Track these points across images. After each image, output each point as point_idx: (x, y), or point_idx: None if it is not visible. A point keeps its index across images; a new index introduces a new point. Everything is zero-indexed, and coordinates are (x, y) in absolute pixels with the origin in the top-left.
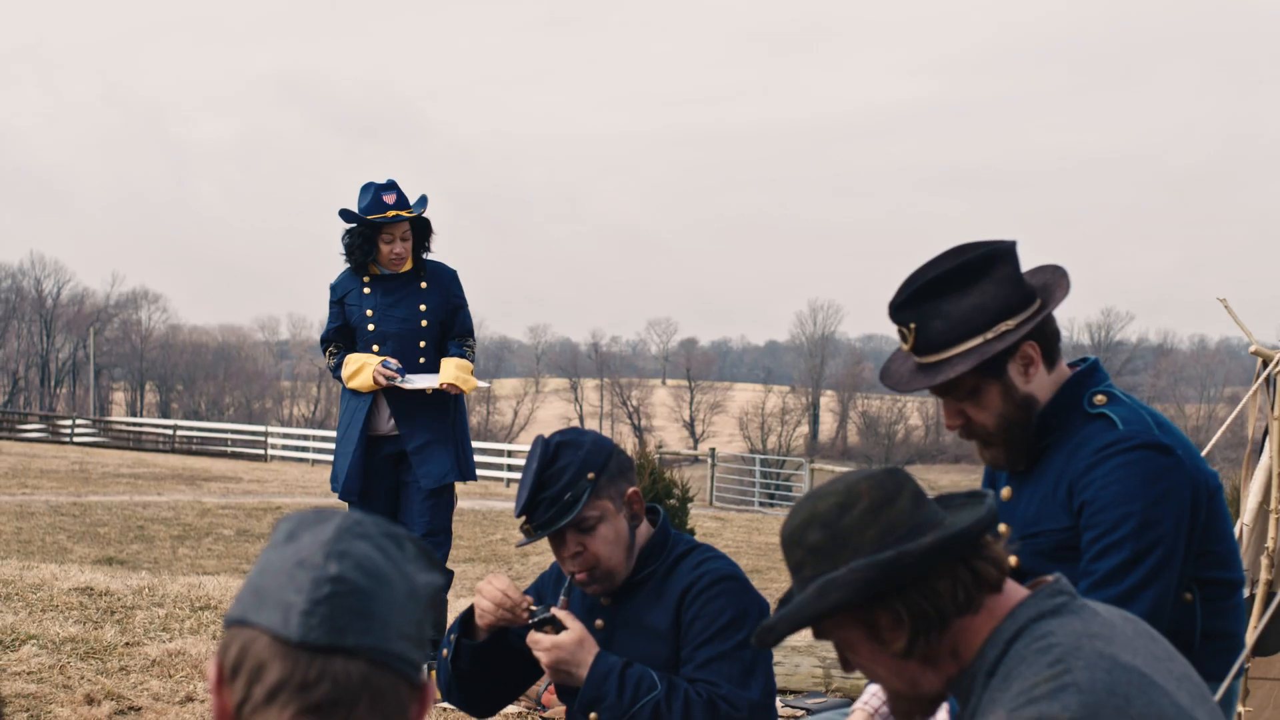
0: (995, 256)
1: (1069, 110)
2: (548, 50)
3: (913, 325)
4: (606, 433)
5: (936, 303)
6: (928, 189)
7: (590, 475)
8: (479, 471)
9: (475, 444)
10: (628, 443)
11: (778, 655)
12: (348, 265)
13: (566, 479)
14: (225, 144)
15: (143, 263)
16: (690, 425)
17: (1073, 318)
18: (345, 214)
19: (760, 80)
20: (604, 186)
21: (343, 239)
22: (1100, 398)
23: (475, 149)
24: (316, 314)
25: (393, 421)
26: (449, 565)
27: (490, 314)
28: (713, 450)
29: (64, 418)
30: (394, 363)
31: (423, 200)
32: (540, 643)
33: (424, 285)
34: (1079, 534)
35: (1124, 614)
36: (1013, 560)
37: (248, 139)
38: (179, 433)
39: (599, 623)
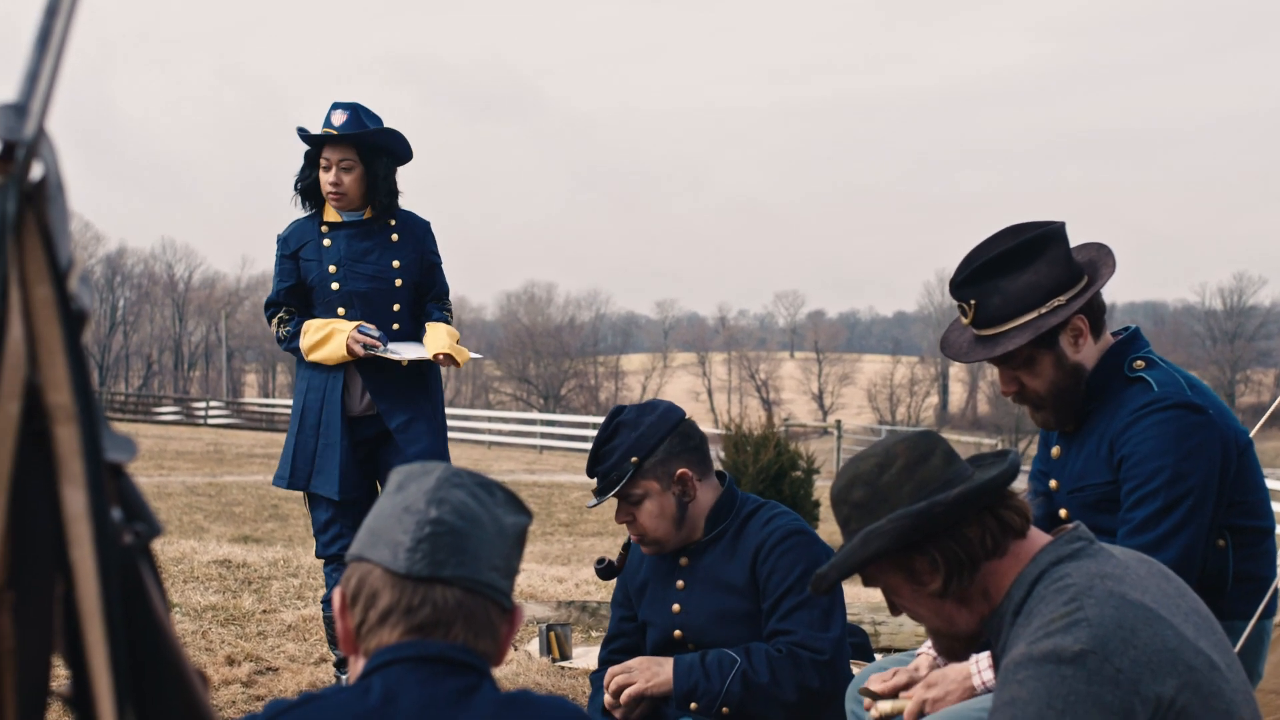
0: (1048, 237)
1: (1196, 69)
2: (665, 24)
3: (973, 302)
4: (734, 407)
5: (995, 281)
6: (1053, 154)
7: (634, 459)
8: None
9: (603, 419)
10: (754, 416)
11: (884, 614)
12: (297, 202)
13: (614, 460)
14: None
15: (272, 246)
16: (819, 398)
17: (1204, 283)
18: (298, 131)
19: (880, 48)
20: (726, 159)
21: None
22: (1139, 363)
23: (595, 124)
24: None
25: (368, 398)
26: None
27: (617, 289)
28: (838, 422)
29: (198, 400)
30: (372, 328)
31: (374, 128)
32: (620, 692)
33: (395, 238)
34: (1120, 487)
35: (1140, 556)
36: (1063, 513)
37: None
38: None
39: (680, 584)
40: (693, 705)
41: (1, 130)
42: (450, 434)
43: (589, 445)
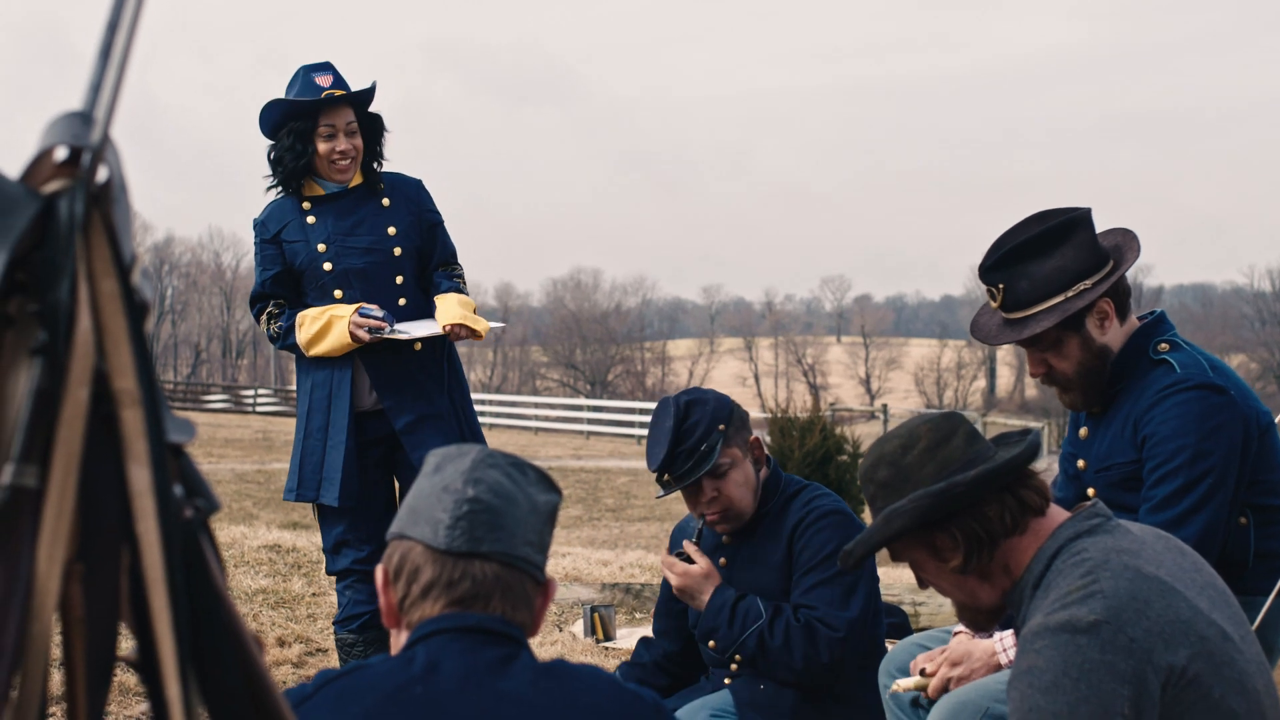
0: (1074, 223)
1: (1243, 48)
2: (705, 8)
3: (1001, 286)
4: (781, 392)
5: (1022, 265)
6: (1100, 135)
7: (721, 426)
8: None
9: (650, 405)
10: (800, 401)
11: (924, 595)
12: (277, 190)
13: (700, 432)
14: (384, 113)
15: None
16: (866, 382)
17: (1253, 265)
18: (270, 108)
19: (923, 30)
20: (770, 143)
21: (268, 154)
22: (1164, 345)
23: (636, 109)
24: (490, 279)
25: (375, 393)
26: None
27: (663, 275)
28: (884, 406)
29: (246, 388)
30: (375, 309)
31: (371, 86)
32: (674, 566)
33: (386, 202)
34: (1143, 466)
35: (1156, 532)
36: (1090, 492)
37: (405, 107)
38: None
39: (722, 560)
40: (710, 643)
41: (70, 137)
42: (496, 420)
43: (636, 430)
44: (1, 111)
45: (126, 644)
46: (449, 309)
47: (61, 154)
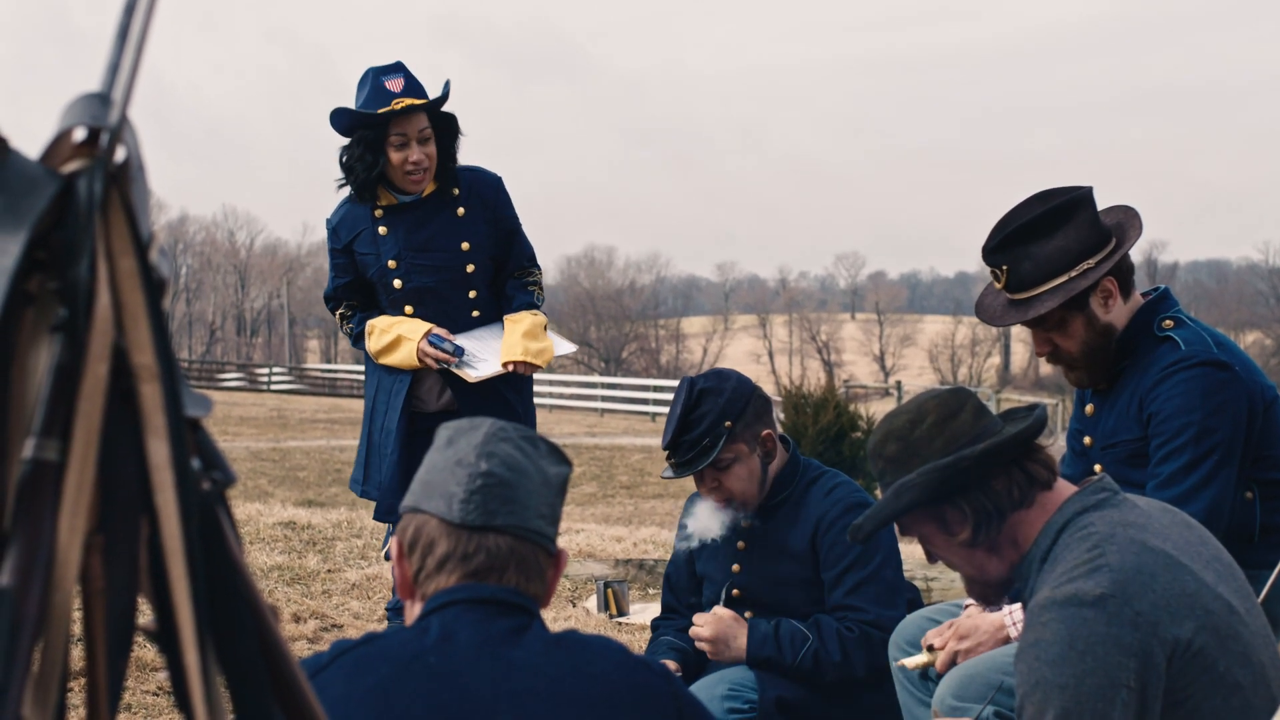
0: (1076, 203)
1: (1259, 22)
2: None
3: (1005, 267)
4: (795, 369)
5: (1025, 246)
6: (1114, 110)
7: (728, 424)
8: (665, 410)
9: (664, 382)
10: (814, 378)
11: (936, 570)
12: (347, 195)
13: (705, 425)
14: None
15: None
16: (880, 359)
17: (1268, 240)
18: (338, 116)
19: (938, 3)
20: (783, 118)
21: (340, 157)
22: (1168, 322)
23: (645, 85)
24: None
25: (448, 395)
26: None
27: (677, 252)
28: (898, 383)
29: (261, 366)
30: (446, 338)
31: (445, 87)
32: (700, 634)
33: (461, 211)
34: (1149, 442)
35: (1163, 506)
36: (1097, 468)
37: None
38: None
39: (740, 544)
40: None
41: (88, 118)
42: None
43: (650, 408)
44: (7, 91)
45: (145, 616)
46: (513, 343)
47: (80, 134)
